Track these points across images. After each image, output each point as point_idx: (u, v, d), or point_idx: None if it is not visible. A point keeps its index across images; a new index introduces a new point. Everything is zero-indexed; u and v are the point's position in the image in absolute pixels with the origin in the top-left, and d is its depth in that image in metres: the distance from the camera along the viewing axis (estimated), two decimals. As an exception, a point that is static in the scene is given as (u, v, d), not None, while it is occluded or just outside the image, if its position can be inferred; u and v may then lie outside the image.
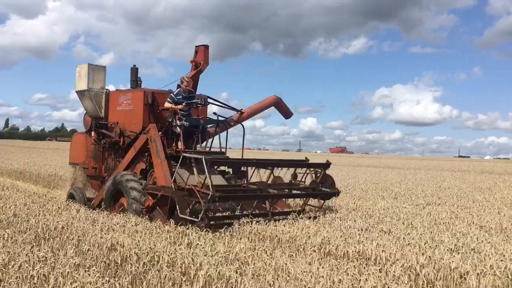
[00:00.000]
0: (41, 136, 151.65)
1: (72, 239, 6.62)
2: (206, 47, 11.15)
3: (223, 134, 10.54)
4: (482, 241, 7.16)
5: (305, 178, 10.23)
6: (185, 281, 4.90)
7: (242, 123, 10.95)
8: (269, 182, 9.84)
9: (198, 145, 10.27)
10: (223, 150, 10.38)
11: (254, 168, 10.08)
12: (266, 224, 7.84)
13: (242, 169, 10.49)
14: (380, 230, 7.88)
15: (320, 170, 10.26)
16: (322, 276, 4.97)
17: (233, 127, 11.08)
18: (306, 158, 10.68)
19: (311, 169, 10.29)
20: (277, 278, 4.93)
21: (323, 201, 10.29)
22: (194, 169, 8.39)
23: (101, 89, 11.14)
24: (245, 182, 10.11)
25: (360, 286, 4.77)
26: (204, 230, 7.28)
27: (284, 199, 10.35)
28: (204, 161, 7.94)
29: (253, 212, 8.88)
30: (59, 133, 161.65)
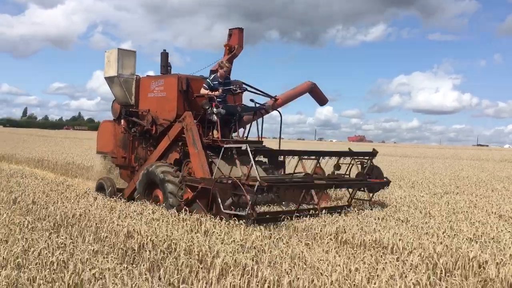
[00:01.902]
0: (58, 125, 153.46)
1: (90, 226, 6.70)
2: (241, 30, 10.54)
3: (255, 123, 9.96)
4: (501, 230, 7.06)
5: (350, 169, 9.54)
6: (201, 268, 4.92)
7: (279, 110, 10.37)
8: (313, 172, 9.03)
9: (235, 134, 9.85)
10: (261, 139, 9.84)
11: (291, 158, 9.38)
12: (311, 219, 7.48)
13: (279, 159, 9.97)
14: (397, 219, 7.82)
15: (366, 160, 9.58)
16: (339, 265, 4.95)
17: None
18: (349, 148, 10.11)
19: (356, 160, 9.58)
20: (294, 266, 4.92)
21: (372, 194, 9.60)
22: (237, 160, 7.93)
23: (131, 75, 10.68)
24: (283, 173, 9.68)
25: (377, 275, 4.74)
26: (250, 224, 6.96)
27: (327, 192, 9.73)
28: (249, 150, 7.47)
29: (300, 208, 8.24)
30: (76, 122, 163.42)
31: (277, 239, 6.11)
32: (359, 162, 9.62)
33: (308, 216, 7.74)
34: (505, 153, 65.52)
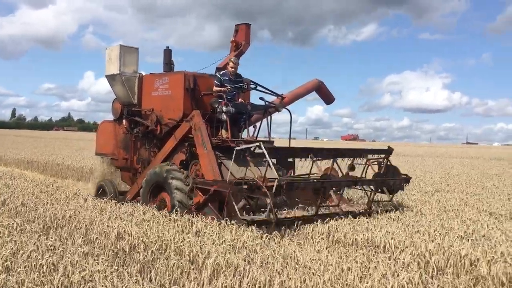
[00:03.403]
0: (48, 126, 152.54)
1: (80, 228, 6.62)
2: (248, 25, 10.13)
3: (264, 122, 9.47)
4: (492, 228, 7.10)
5: (366, 170, 8.84)
6: (193, 269, 4.88)
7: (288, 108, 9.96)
8: (329, 173, 8.48)
9: (244, 134, 9.43)
10: (271, 139, 9.36)
11: (303, 160, 8.74)
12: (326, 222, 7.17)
13: (289, 159, 9.48)
14: (389, 218, 7.83)
15: (382, 159, 9.08)
16: (331, 264, 4.94)
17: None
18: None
19: (372, 160, 8.99)
20: (286, 266, 4.90)
21: (392, 194, 9.03)
22: (251, 162, 7.48)
23: (133, 73, 10.24)
24: (293, 174, 9.21)
25: (370, 274, 4.73)
26: (271, 228, 6.72)
27: (342, 194, 9.22)
28: (264, 149, 7.11)
29: (319, 213, 7.84)
30: (66, 123, 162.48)
31: (268, 239, 6.09)
32: (375, 163, 9.10)
33: (329, 220, 7.31)
34: (494, 151, 66.10)
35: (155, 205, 8.59)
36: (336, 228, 6.80)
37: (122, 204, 8.50)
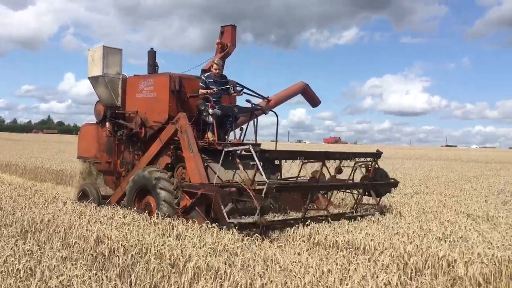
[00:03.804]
0: (27, 128, 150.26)
1: (59, 232, 6.52)
2: (234, 27, 10.00)
3: (250, 124, 9.40)
4: (469, 229, 7.21)
5: (354, 172, 8.94)
6: (173, 272, 4.86)
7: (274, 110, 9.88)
8: (318, 176, 8.42)
9: (231, 136, 9.31)
10: (258, 142, 9.22)
11: (291, 162, 8.74)
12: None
13: (276, 162, 9.33)
14: (369, 220, 7.89)
15: (370, 162, 9.02)
16: (312, 266, 4.96)
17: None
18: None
19: (360, 163, 8.99)
20: (267, 269, 4.91)
21: (379, 198, 9.05)
22: (240, 164, 7.38)
23: (117, 75, 10.04)
24: (280, 177, 9.14)
25: (350, 276, 4.77)
26: (260, 233, 6.59)
27: (329, 198, 9.19)
28: (253, 152, 7.02)
29: (307, 215, 7.87)
30: (46, 125, 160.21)
31: (249, 242, 6.09)
32: (363, 165, 9.08)
33: (317, 222, 7.33)
34: (473, 153, 67.24)
35: (137, 209, 8.44)
36: (317, 230, 6.83)
37: (102, 207, 8.41)
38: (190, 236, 6.30)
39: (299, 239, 6.46)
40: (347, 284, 4.50)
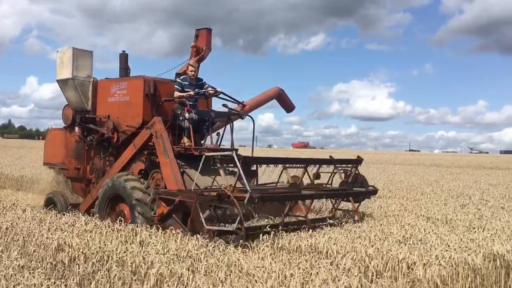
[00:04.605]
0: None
1: (17, 240, 6.36)
2: (209, 30, 9.86)
3: (226, 129, 9.30)
4: (428, 232, 7.40)
5: (332, 178, 8.93)
6: (135, 280, 4.80)
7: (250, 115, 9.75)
8: (299, 182, 8.23)
9: (207, 142, 9.14)
10: (235, 147, 9.08)
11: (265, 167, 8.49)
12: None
13: (252, 168, 9.08)
14: (332, 224, 8.00)
15: (349, 168, 8.96)
16: (274, 271, 4.99)
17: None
18: (330, 156, 9.19)
19: (339, 169, 8.94)
20: (230, 275, 4.92)
21: (358, 204, 8.95)
22: (220, 170, 7.23)
23: (87, 78, 9.79)
24: (256, 183, 9.02)
25: (312, 280, 4.83)
26: (240, 241, 6.49)
27: (305, 203, 8.94)
28: (236, 158, 6.83)
29: (289, 221, 7.89)
30: (6, 130, 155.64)
31: (213, 247, 6.08)
32: (341, 171, 9.00)
33: (297, 229, 7.36)
34: (435, 157, 69.05)
35: (110, 217, 8.19)
36: (281, 235, 6.88)
37: (63, 214, 8.22)
38: (153, 243, 6.24)
39: (263, 244, 6.48)
40: (308, 288, 4.55)
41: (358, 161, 9.11)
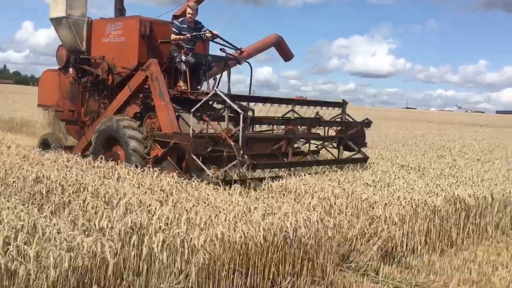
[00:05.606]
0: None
1: (-1, 173, 6.56)
2: None
3: (224, 75, 9.19)
4: (398, 177, 7.69)
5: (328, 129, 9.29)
6: (106, 209, 5.05)
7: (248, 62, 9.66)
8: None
9: (204, 87, 9.03)
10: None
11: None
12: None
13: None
14: (307, 169, 8.25)
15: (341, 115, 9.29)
16: (240, 205, 5.26)
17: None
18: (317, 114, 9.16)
19: (336, 117, 9.28)
20: (196, 206, 5.17)
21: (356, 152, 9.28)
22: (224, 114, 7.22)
23: (82, 17, 9.46)
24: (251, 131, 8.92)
25: (274, 213, 5.07)
26: (247, 169, 6.80)
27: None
28: (223, 95, 6.95)
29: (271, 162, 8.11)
30: (1, 75, 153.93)
31: (186, 184, 6.32)
32: (338, 118, 9.34)
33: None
34: (429, 115, 69.24)
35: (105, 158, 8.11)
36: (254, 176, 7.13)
37: (47, 152, 8.38)
38: (130, 179, 6.48)
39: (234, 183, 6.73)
40: (268, 219, 4.81)
41: (343, 104, 9.42)
